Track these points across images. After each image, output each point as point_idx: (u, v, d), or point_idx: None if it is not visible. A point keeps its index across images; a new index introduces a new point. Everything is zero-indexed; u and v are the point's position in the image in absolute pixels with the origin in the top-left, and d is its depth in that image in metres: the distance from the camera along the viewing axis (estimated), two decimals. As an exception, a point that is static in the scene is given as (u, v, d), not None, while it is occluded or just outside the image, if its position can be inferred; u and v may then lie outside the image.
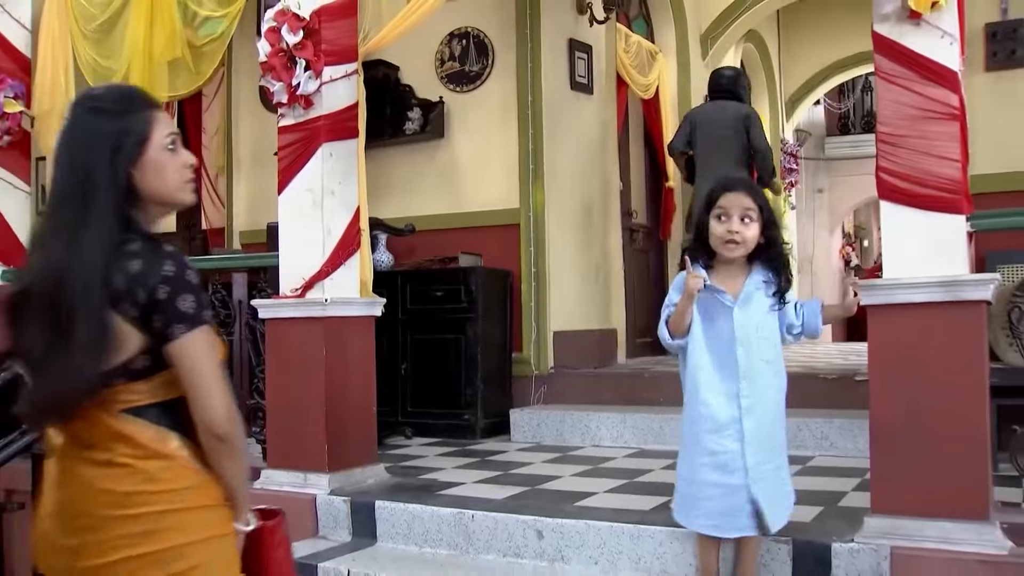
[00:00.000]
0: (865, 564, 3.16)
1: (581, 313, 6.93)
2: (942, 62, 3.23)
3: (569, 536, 3.67)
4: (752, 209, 3.08)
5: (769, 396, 3.13)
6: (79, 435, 1.98)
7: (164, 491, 1.95)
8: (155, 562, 1.93)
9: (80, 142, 2.02)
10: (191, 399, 1.97)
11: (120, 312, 1.93)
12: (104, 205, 1.98)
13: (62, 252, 1.94)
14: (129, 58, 5.43)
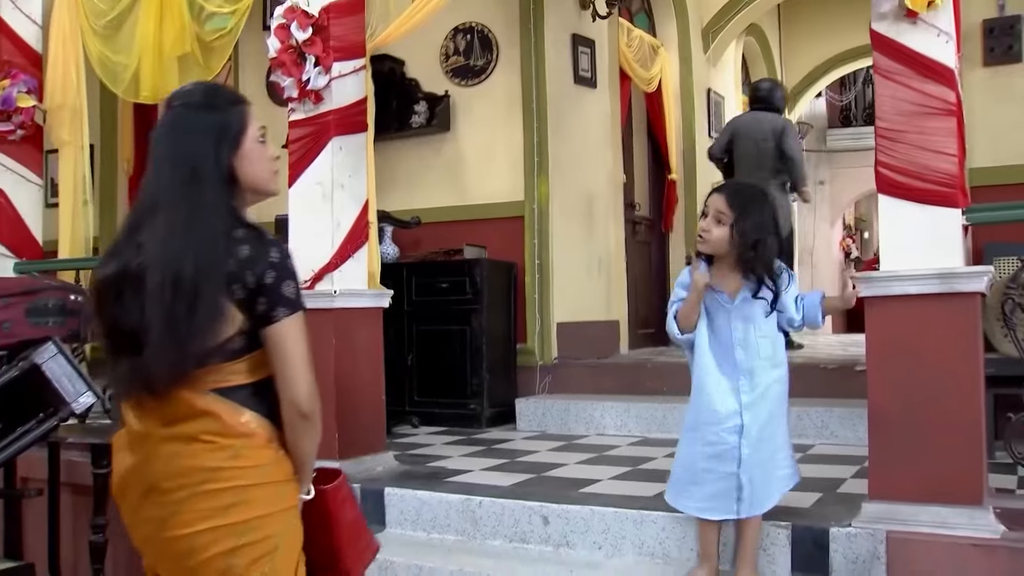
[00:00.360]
0: (862, 548, 3.25)
1: (584, 304, 7.02)
2: (939, 59, 3.30)
3: (574, 522, 3.76)
4: (723, 212, 3.20)
5: (769, 391, 3.27)
6: (164, 413, 2.11)
7: (246, 467, 2.11)
8: (233, 532, 2.08)
9: (183, 136, 2.18)
10: (280, 379, 2.14)
11: (229, 294, 2.08)
12: (215, 194, 2.15)
13: (182, 238, 2.08)
14: (139, 53, 5.49)
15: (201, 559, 2.09)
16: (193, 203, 2.12)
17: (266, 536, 2.11)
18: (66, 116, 5.75)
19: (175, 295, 2.05)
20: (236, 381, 2.15)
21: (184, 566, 2.12)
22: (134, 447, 2.18)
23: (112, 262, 2.19)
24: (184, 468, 2.09)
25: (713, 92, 9.78)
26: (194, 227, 2.10)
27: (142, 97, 5.60)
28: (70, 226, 5.80)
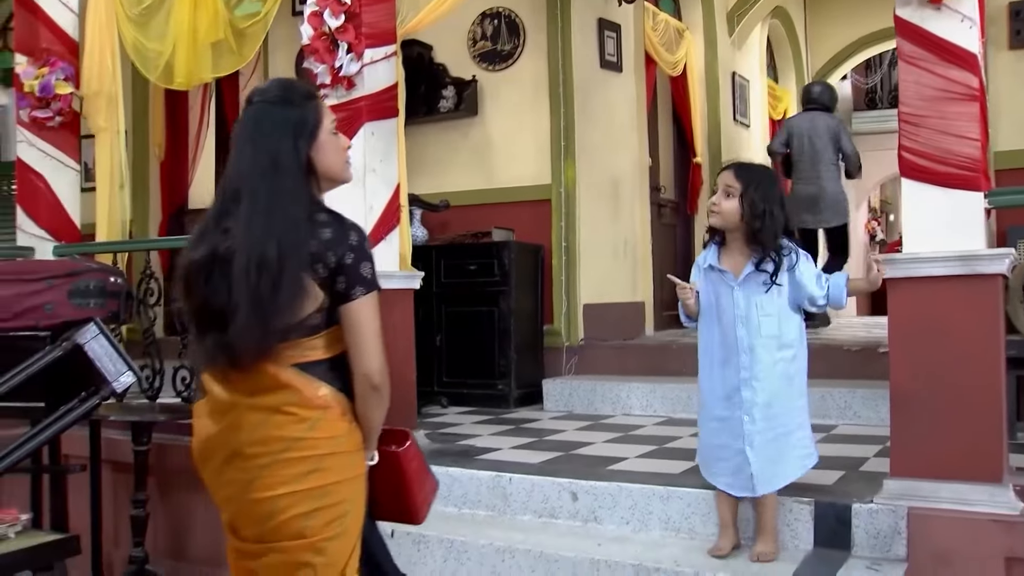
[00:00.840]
0: (884, 523, 3.33)
1: (610, 286, 7.10)
2: (962, 45, 3.35)
3: (602, 498, 3.86)
4: (732, 186, 3.38)
5: (773, 369, 3.38)
6: (249, 385, 2.30)
7: (323, 438, 2.30)
8: (310, 497, 2.27)
9: (263, 131, 2.35)
10: (354, 353, 2.32)
11: (311, 273, 2.26)
12: (295, 182, 2.33)
13: (265, 224, 2.25)
14: (174, 40, 5.59)
15: (280, 520, 2.26)
16: (274, 191, 2.29)
17: (339, 500, 2.31)
18: (102, 103, 5.86)
19: (260, 276, 2.22)
20: (315, 356, 2.32)
21: (264, 526, 2.29)
22: (218, 415, 2.35)
23: (201, 246, 2.34)
24: (268, 437, 2.27)
25: (738, 75, 9.81)
26: (275, 213, 2.27)
27: (176, 84, 5.70)
28: (107, 210, 5.92)
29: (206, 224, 2.40)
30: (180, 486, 5.04)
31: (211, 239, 2.34)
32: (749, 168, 3.52)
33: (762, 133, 10.56)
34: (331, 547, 2.31)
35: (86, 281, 4.55)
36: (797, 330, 3.46)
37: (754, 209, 3.34)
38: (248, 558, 2.38)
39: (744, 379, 3.37)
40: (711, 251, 3.51)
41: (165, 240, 7.91)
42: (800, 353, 3.46)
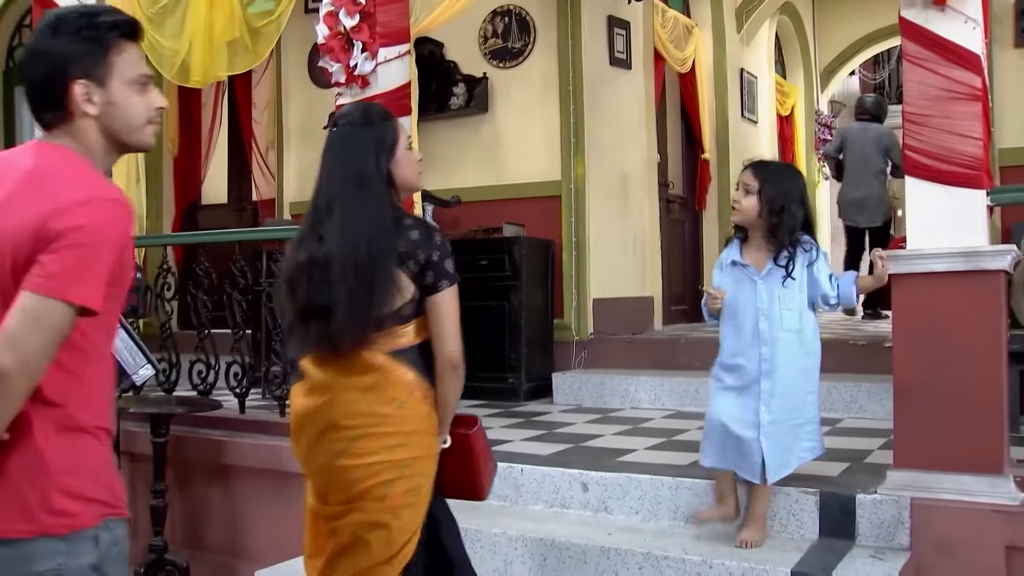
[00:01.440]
0: (887, 513, 3.42)
1: (620, 281, 7.18)
2: (966, 45, 3.42)
3: (612, 488, 3.95)
4: (750, 184, 3.49)
5: (791, 362, 3.46)
6: (345, 367, 2.63)
7: (409, 416, 2.64)
8: (394, 467, 2.61)
9: (350, 149, 2.71)
10: (436, 337, 2.66)
11: (404, 268, 2.62)
12: (379, 193, 2.68)
13: (359, 229, 2.60)
14: (190, 39, 5.70)
15: (366, 486, 2.60)
16: (362, 202, 2.65)
17: (417, 473, 2.65)
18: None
19: (356, 277, 2.57)
20: (404, 343, 2.66)
21: (352, 490, 2.62)
22: (316, 394, 2.68)
23: (301, 251, 2.69)
24: (361, 412, 2.62)
25: (746, 72, 9.87)
26: (365, 221, 2.62)
27: (192, 82, 5.80)
28: (124, 206, 6.01)
29: (303, 233, 2.74)
30: (197, 477, 5.14)
31: (308, 245, 2.67)
32: (767, 166, 3.63)
33: (770, 129, 10.62)
34: (405, 514, 2.62)
35: (106, 276, 4.63)
36: (814, 326, 3.55)
37: (771, 205, 3.44)
38: (331, 520, 2.70)
39: (765, 371, 3.45)
40: (734, 246, 3.62)
41: (181, 236, 8.02)
42: (815, 348, 3.54)
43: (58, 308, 1.74)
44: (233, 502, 5.01)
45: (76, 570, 1.85)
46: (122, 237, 1.84)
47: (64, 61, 1.89)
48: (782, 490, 3.59)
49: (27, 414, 1.80)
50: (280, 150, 8.13)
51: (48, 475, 1.82)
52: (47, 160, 1.89)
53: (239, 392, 5.17)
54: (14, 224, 1.79)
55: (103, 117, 1.92)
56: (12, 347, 1.71)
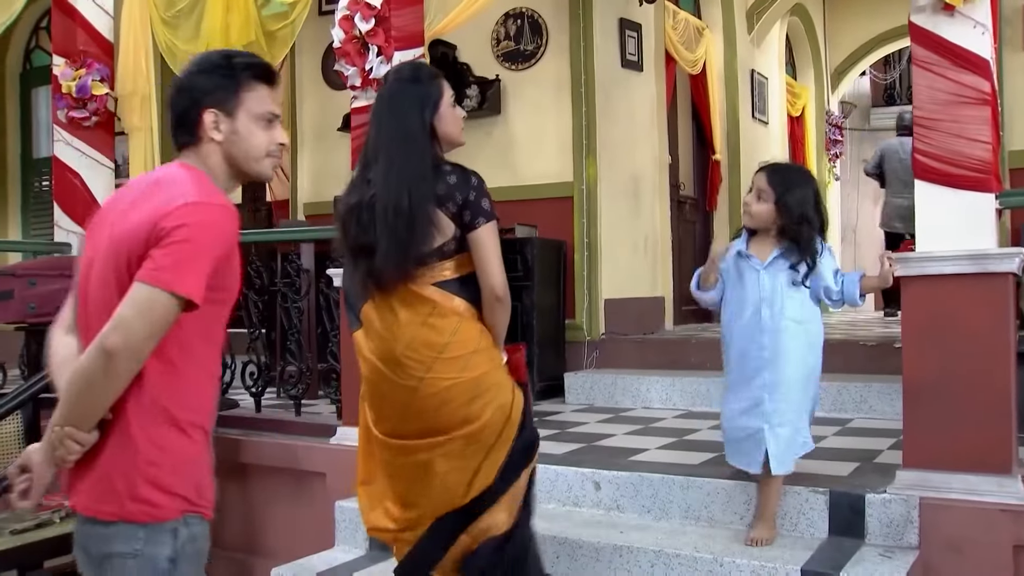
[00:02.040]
0: (896, 513, 3.46)
1: (631, 282, 7.22)
2: (974, 50, 3.46)
3: (624, 487, 4.00)
4: (764, 190, 3.53)
5: (794, 353, 3.49)
6: (400, 307, 2.87)
7: (465, 339, 2.87)
8: (470, 385, 2.85)
9: (397, 103, 2.95)
10: (480, 271, 2.88)
11: (444, 209, 2.85)
12: (422, 144, 2.90)
13: (400, 175, 2.84)
14: (206, 42, 5.74)
15: (449, 409, 2.85)
16: (405, 151, 2.88)
17: (489, 386, 2.88)
18: (136, 102, 6.04)
19: (396, 218, 2.82)
20: (447, 276, 2.89)
21: (434, 416, 2.86)
22: (378, 336, 2.92)
23: (352, 195, 2.97)
24: (423, 344, 2.85)
25: (757, 73, 9.90)
26: (406, 168, 2.85)
27: (209, 84, 5.84)
28: (141, 207, 6.08)
29: (354, 178, 3.02)
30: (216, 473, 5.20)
31: (358, 190, 2.95)
32: (781, 172, 3.61)
33: (780, 130, 10.65)
34: (490, 423, 2.86)
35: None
36: (817, 319, 3.59)
37: (791, 216, 3.47)
38: (411, 450, 2.92)
39: (767, 359, 3.48)
40: (742, 239, 3.65)
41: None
42: (818, 342, 3.58)
43: (163, 297, 1.94)
44: (249, 500, 5.07)
45: (151, 559, 2.02)
46: (225, 237, 2.06)
47: (201, 93, 2.17)
48: (792, 489, 3.64)
49: (126, 404, 2.00)
50: (294, 151, 8.19)
51: (137, 464, 2.01)
52: (171, 172, 2.15)
53: (255, 391, 5.24)
54: (133, 223, 2.03)
55: (226, 144, 2.19)
56: (120, 330, 1.92)
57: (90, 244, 2.17)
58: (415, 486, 2.95)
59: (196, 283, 1.97)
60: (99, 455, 2.03)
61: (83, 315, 2.12)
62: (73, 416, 1.99)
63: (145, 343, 1.95)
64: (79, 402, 1.99)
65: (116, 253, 2.05)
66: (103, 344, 1.93)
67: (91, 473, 2.04)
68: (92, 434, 2.01)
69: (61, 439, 2.00)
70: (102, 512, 2.02)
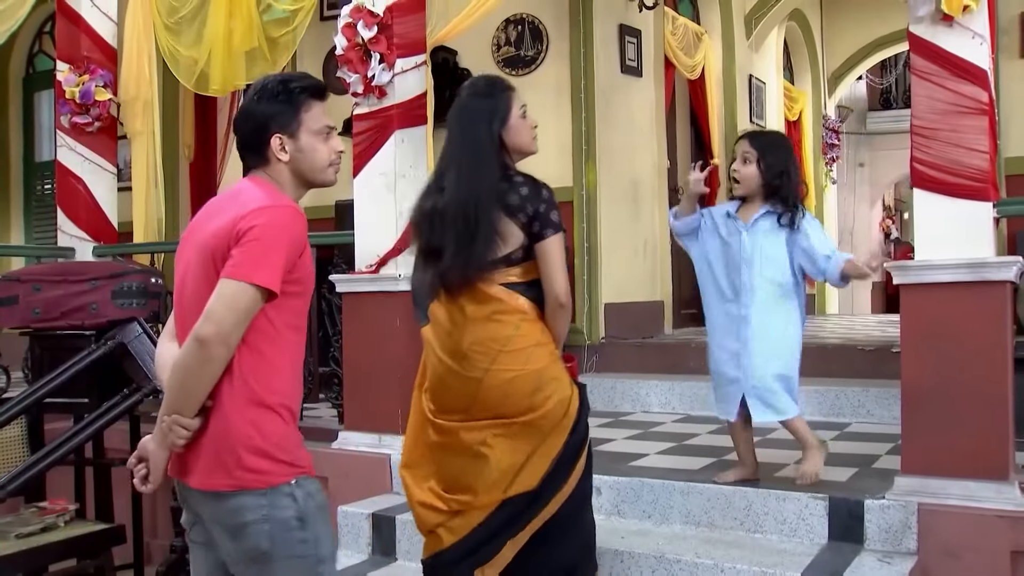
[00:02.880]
0: (895, 518, 3.50)
1: (630, 286, 7.25)
2: (973, 61, 3.50)
3: (624, 492, 4.03)
4: (749, 152, 3.83)
5: (773, 312, 3.76)
6: (464, 303, 3.05)
7: (527, 334, 3.03)
8: (532, 377, 3.00)
9: (468, 117, 3.12)
10: (546, 279, 3.03)
11: (515, 219, 3.01)
12: (490, 156, 3.06)
13: (469, 185, 3.01)
14: (209, 48, 5.76)
15: (512, 400, 3.00)
16: (474, 163, 3.05)
17: (550, 379, 3.03)
18: (139, 108, 6.08)
19: (464, 224, 2.99)
20: (513, 280, 3.05)
21: (497, 407, 3.01)
22: (444, 333, 3.10)
23: (426, 200, 3.15)
24: (488, 338, 3.02)
25: (755, 78, 9.93)
26: (475, 179, 3.03)
27: (211, 91, 5.87)
28: (143, 211, 6.14)
29: (429, 186, 3.20)
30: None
31: (432, 197, 3.13)
32: (761, 136, 3.98)
33: (779, 134, 10.65)
34: (549, 413, 3.01)
35: (129, 282, 4.74)
36: (796, 287, 3.82)
37: (772, 170, 3.77)
38: (470, 433, 3.05)
39: (744, 316, 3.77)
40: (732, 204, 3.92)
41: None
42: (797, 308, 3.82)
43: (245, 289, 2.22)
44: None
45: (281, 521, 2.29)
46: (294, 234, 2.32)
47: (265, 119, 2.42)
48: (791, 495, 3.69)
49: (222, 391, 2.26)
50: (295, 156, 8.19)
51: (239, 439, 2.27)
52: (245, 186, 2.43)
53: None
54: (215, 228, 2.32)
55: (293, 162, 2.44)
56: (211, 321, 2.20)
57: (182, 258, 2.46)
58: (469, 467, 3.07)
59: (272, 274, 2.25)
60: (204, 437, 2.28)
61: (180, 320, 2.40)
62: (177, 404, 2.26)
63: (233, 331, 2.22)
64: (181, 390, 2.26)
65: (203, 258, 2.34)
66: (197, 334, 2.20)
67: (199, 453, 2.30)
68: (195, 420, 2.27)
69: (170, 426, 2.27)
70: (219, 484, 2.28)
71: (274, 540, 2.28)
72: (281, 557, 2.29)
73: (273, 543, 2.28)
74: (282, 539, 2.29)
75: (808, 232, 3.74)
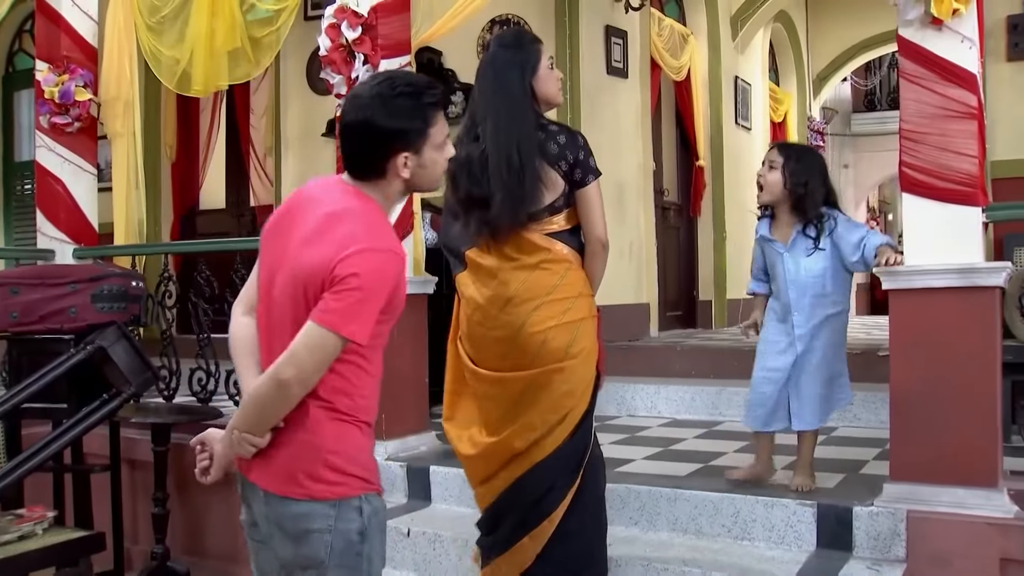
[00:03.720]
0: (884, 526, 3.47)
1: (616, 288, 7.18)
2: (962, 64, 3.47)
3: (610, 499, 3.94)
4: (774, 161, 3.86)
5: (824, 325, 3.80)
6: (511, 252, 3.13)
7: (571, 283, 3.14)
8: (569, 327, 3.10)
9: (500, 67, 3.19)
10: (587, 223, 3.16)
11: (556, 168, 3.11)
12: (523, 104, 3.14)
13: (508, 132, 3.08)
14: (191, 48, 5.68)
15: (548, 348, 3.09)
16: (510, 111, 3.12)
17: (584, 333, 3.14)
18: (120, 108, 5.99)
19: (509, 172, 3.06)
20: (557, 227, 3.14)
21: (535, 352, 3.09)
22: (487, 278, 3.17)
23: (462, 150, 3.12)
24: (535, 286, 3.10)
25: (740, 79, 9.93)
26: (513, 127, 3.09)
27: (193, 91, 5.80)
28: (124, 213, 6.05)
29: (460, 136, 3.20)
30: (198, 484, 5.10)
31: (467, 146, 3.17)
32: (791, 145, 4.09)
33: (763, 136, 10.67)
34: (580, 364, 3.12)
35: (109, 286, 4.68)
36: (843, 288, 3.85)
37: (795, 178, 3.79)
38: (509, 384, 3.15)
39: (799, 335, 3.79)
40: (764, 224, 3.97)
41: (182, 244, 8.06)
42: (846, 308, 3.91)
43: (332, 339, 2.16)
44: (233, 509, 4.94)
45: (344, 533, 2.27)
46: (393, 282, 2.22)
47: (391, 137, 2.26)
48: (779, 502, 3.66)
49: (306, 405, 2.24)
50: (278, 156, 8.13)
51: (317, 451, 2.25)
52: (349, 207, 2.27)
53: (239, 400, 5.19)
54: (312, 261, 2.21)
55: (412, 178, 2.32)
56: (293, 364, 2.17)
57: (269, 251, 2.35)
58: (510, 409, 3.16)
59: (363, 328, 2.19)
60: (279, 443, 2.27)
61: (264, 318, 2.35)
62: (248, 425, 2.25)
63: (313, 375, 2.19)
64: (255, 416, 2.25)
65: (295, 283, 2.25)
66: (278, 375, 2.18)
67: (273, 458, 2.28)
68: (265, 437, 2.26)
69: (240, 441, 2.26)
70: (291, 492, 2.26)
71: (333, 551, 2.27)
72: (334, 567, 2.28)
73: (331, 554, 2.27)
74: (340, 551, 2.28)
75: (840, 244, 3.76)
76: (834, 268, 3.79)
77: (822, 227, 3.78)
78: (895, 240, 3.86)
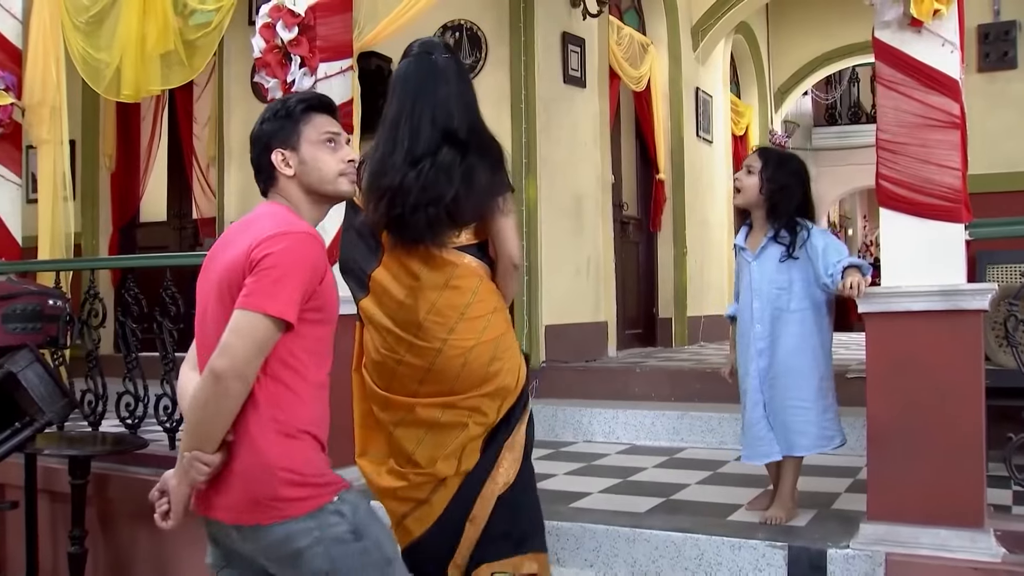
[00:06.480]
0: (860, 570, 3.18)
1: (573, 306, 6.96)
2: (943, 70, 3.24)
3: (565, 539, 3.68)
4: (753, 165, 3.67)
5: (787, 342, 3.56)
6: (420, 271, 2.93)
7: (485, 300, 2.97)
8: (490, 345, 2.95)
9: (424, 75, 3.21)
10: (500, 239, 2.99)
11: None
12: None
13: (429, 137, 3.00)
14: (121, 51, 5.39)
15: (470, 370, 2.92)
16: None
17: (508, 347, 3.00)
18: (45, 114, 5.65)
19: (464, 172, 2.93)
20: (463, 242, 2.97)
21: (455, 375, 2.92)
22: (395, 304, 2.95)
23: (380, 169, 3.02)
24: (446, 306, 2.93)
25: (701, 91, 9.74)
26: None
27: (123, 96, 5.50)
28: (49, 225, 5.70)
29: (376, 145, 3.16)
30: (123, 518, 4.81)
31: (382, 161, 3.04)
32: (771, 151, 3.88)
33: (725, 149, 10.50)
34: (504, 386, 2.97)
35: (22, 304, 4.36)
36: (814, 307, 3.57)
37: (771, 183, 3.59)
38: (426, 410, 2.96)
39: (759, 349, 3.58)
40: (741, 233, 3.76)
41: (110, 259, 7.73)
42: (818, 330, 3.58)
43: (259, 320, 2.16)
44: (161, 545, 4.68)
45: (334, 539, 2.22)
46: (311, 260, 2.24)
47: (268, 138, 2.40)
48: (747, 543, 3.36)
49: (248, 423, 2.21)
50: (221, 167, 7.79)
51: (270, 471, 2.20)
52: (259, 211, 2.39)
53: (169, 427, 4.83)
54: (230, 259, 2.27)
55: (299, 175, 2.39)
56: (225, 354, 2.15)
57: (201, 288, 2.39)
58: (427, 439, 2.99)
59: (287, 305, 2.18)
60: (232, 471, 2.22)
61: (202, 352, 2.32)
62: (196, 440, 2.20)
63: (248, 364, 2.16)
64: (199, 425, 2.21)
65: (219, 288, 2.28)
66: (211, 368, 2.15)
67: (229, 488, 2.23)
68: (216, 456, 2.21)
69: (191, 463, 2.20)
70: (262, 519, 2.21)
71: (333, 559, 2.23)
72: (345, 571, 2.24)
73: (333, 562, 2.23)
74: (341, 555, 2.23)
75: (811, 256, 3.51)
76: (804, 282, 3.54)
77: (795, 236, 3.55)
78: (868, 261, 3.62)
